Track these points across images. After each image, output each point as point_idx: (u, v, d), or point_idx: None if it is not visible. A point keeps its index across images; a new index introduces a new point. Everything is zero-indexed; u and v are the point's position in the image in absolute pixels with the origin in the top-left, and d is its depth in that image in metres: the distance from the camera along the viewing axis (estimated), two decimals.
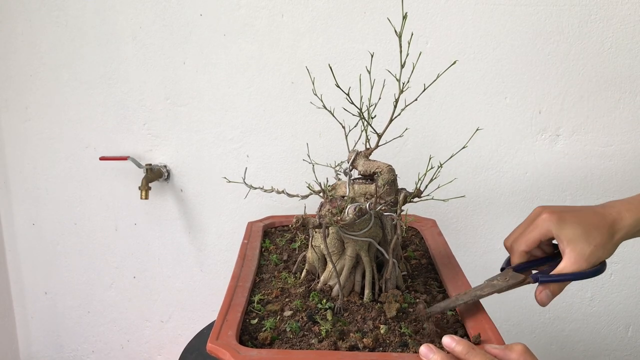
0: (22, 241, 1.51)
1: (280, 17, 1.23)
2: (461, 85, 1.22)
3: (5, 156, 1.44)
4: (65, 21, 1.31)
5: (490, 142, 1.26)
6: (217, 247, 1.43)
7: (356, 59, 1.23)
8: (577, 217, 0.70)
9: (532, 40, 1.18)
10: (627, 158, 1.24)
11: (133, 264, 1.48)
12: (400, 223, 0.75)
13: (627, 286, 1.33)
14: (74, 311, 1.55)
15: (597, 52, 1.17)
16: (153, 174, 1.34)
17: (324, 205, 0.76)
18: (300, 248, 0.94)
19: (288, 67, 1.26)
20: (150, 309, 1.52)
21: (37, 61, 1.35)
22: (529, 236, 0.73)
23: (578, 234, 0.68)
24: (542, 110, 1.22)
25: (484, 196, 1.30)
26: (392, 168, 0.78)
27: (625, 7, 1.14)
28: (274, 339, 0.67)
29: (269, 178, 1.34)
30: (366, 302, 0.75)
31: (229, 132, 1.33)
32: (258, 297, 0.77)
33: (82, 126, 1.38)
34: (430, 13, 1.19)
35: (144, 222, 1.44)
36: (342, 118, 0.80)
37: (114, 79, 1.33)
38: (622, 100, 1.20)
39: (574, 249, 0.68)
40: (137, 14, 1.28)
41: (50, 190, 1.45)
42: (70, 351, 1.60)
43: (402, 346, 0.65)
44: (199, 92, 1.31)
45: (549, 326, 1.38)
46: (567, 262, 0.69)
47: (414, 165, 1.27)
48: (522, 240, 0.73)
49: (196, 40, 1.27)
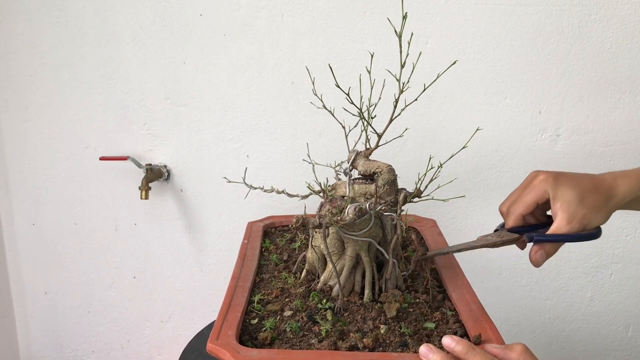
0: (22, 241, 1.51)
1: (280, 17, 1.23)
2: (461, 85, 1.22)
3: (5, 156, 1.44)
4: (65, 21, 1.31)
5: (490, 142, 1.26)
6: (217, 247, 1.43)
7: (356, 59, 1.23)
8: (573, 180, 0.71)
9: (532, 40, 1.18)
10: (627, 158, 1.24)
11: (133, 264, 1.48)
12: (400, 223, 0.75)
13: (627, 286, 1.33)
14: (74, 311, 1.55)
15: (597, 52, 1.17)
16: (153, 174, 1.34)
17: (324, 205, 0.76)
18: (300, 248, 0.94)
19: (288, 67, 1.26)
20: (150, 309, 1.52)
21: (37, 61, 1.35)
22: (525, 198, 0.73)
23: (573, 195, 0.69)
24: (542, 110, 1.23)
25: (484, 196, 1.29)
26: (392, 168, 0.78)
27: (625, 7, 1.14)
28: (274, 339, 0.67)
29: (269, 178, 1.34)
30: (366, 302, 0.75)
31: (229, 132, 1.33)
32: (258, 297, 0.77)
33: (82, 126, 1.38)
34: (430, 13, 1.19)
35: (144, 222, 1.44)
36: (342, 118, 0.80)
37: (114, 79, 1.33)
38: (622, 100, 1.20)
39: (567, 210, 0.69)
40: (137, 14, 1.28)
41: (50, 190, 1.45)
42: (70, 351, 1.60)
43: (402, 346, 0.65)
44: (199, 92, 1.31)
45: (549, 326, 1.38)
46: (560, 222, 0.70)
47: (414, 165, 1.27)
48: (519, 203, 0.74)
49: (196, 40, 1.27)
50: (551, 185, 0.71)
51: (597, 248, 1.30)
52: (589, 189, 0.70)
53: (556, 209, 0.70)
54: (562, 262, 1.31)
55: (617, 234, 1.28)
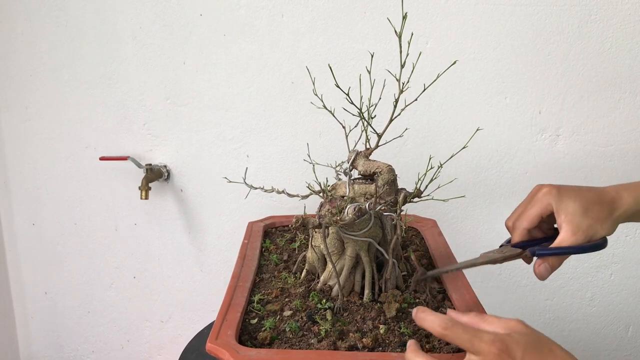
0: (22, 241, 1.51)
1: (280, 17, 1.23)
2: (461, 85, 1.22)
3: (5, 156, 1.44)
4: (65, 21, 1.31)
5: (490, 142, 1.26)
6: (217, 247, 1.43)
7: (356, 59, 1.23)
8: (576, 192, 0.71)
9: (532, 40, 1.18)
10: (627, 158, 1.24)
11: (133, 264, 1.48)
12: (400, 223, 0.75)
13: (627, 286, 1.33)
14: (74, 311, 1.55)
15: (597, 52, 1.17)
16: (153, 174, 1.34)
17: (323, 205, 0.76)
18: (300, 248, 0.94)
19: (288, 67, 1.26)
20: (150, 309, 1.52)
21: (37, 61, 1.35)
22: (530, 212, 0.73)
23: (577, 207, 0.69)
24: (542, 110, 1.22)
25: (484, 196, 1.29)
26: (392, 168, 0.78)
27: (625, 7, 1.14)
28: (274, 338, 0.67)
29: (269, 178, 1.34)
30: (366, 302, 0.75)
31: (229, 132, 1.33)
32: (258, 297, 0.77)
33: (82, 126, 1.38)
34: (430, 13, 1.19)
35: (144, 222, 1.44)
36: (342, 118, 0.80)
37: (114, 79, 1.33)
38: (622, 100, 1.20)
39: (571, 221, 0.69)
40: (137, 14, 1.28)
41: (50, 190, 1.45)
42: (70, 351, 1.60)
43: (401, 346, 0.65)
44: (199, 92, 1.31)
45: (549, 326, 1.38)
46: (564, 235, 0.69)
47: (414, 165, 1.27)
48: (524, 217, 0.73)
49: (196, 40, 1.27)
50: (554, 197, 0.70)
51: None
52: (592, 200, 0.70)
53: (560, 221, 0.70)
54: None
55: (617, 234, 1.27)
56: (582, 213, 0.69)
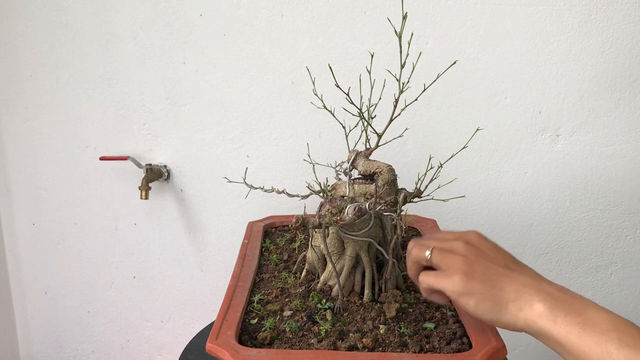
0: (22, 241, 1.51)
1: (280, 17, 1.23)
2: (461, 85, 1.22)
3: (5, 156, 1.45)
4: (65, 21, 1.31)
5: (490, 142, 1.26)
6: (217, 247, 1.43)
7: (356, 59, 1.23)
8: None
9: (532, 40, 1.18)
10: (627, 158, 1.24)
11: (133, 264, 1.48)
12: (400, 223, 0.75)
13: (627, 286, 1.33)
14: (74, 311, 1.55)
15: (597, 52, 1.17)
16: (153, 174, 1.34)
17: (323, 205, 0.76)
18: (300, 248, 0.94)
19: (288, 67, 1.26)
20: (150, 309, 1.52)
21: (37, 61, 1.35)
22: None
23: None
24: (542, 110, 1.22)
25: (484, 196, 1.29)
26: (392, 168, 0.78)
27: (625, 7, 1.14)
28: (274, 338, 0.67)
29: (269, 178, 1.34)
30: (366, 302, 0.75)
31: (229, 132, 1.33)
32: (258, 297, 0.77)
33: (82, 126, 1.38)
34: (430, 13, 1.19)
35: (144, 222, 1.44)
36: (342, 118, 0.80)
37: (114, 79, 1.33)
38: (622, 100, 1.20)
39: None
40: (137, 14, 1.28)
41: (50, 190, 1.45)
42: (70, 351, 1.60)
43: (401, 346, 0.65)
44: (199, 92, 1.31)
45: None
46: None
47: (414, 165, 1.27)
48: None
49: (196, 40, 1.27)
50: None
51: (597, 248, 1.30)
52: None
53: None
54: (562, 262, 1.31)
55: (617, 233, 1.29)
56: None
